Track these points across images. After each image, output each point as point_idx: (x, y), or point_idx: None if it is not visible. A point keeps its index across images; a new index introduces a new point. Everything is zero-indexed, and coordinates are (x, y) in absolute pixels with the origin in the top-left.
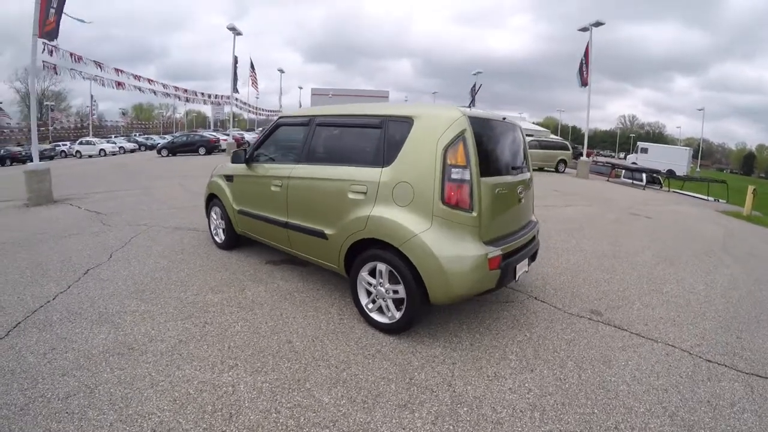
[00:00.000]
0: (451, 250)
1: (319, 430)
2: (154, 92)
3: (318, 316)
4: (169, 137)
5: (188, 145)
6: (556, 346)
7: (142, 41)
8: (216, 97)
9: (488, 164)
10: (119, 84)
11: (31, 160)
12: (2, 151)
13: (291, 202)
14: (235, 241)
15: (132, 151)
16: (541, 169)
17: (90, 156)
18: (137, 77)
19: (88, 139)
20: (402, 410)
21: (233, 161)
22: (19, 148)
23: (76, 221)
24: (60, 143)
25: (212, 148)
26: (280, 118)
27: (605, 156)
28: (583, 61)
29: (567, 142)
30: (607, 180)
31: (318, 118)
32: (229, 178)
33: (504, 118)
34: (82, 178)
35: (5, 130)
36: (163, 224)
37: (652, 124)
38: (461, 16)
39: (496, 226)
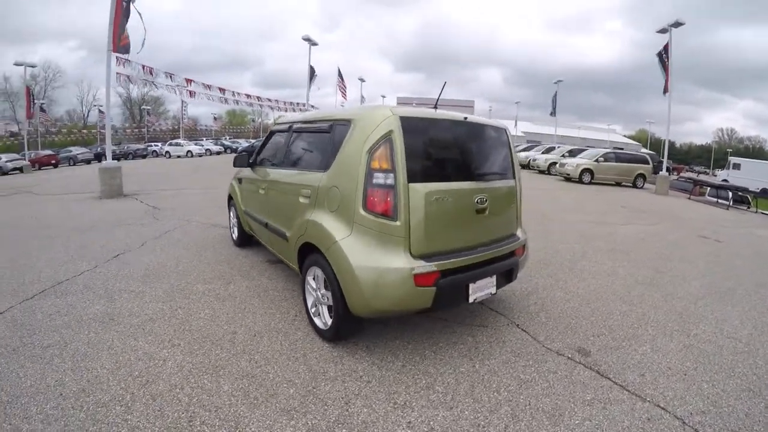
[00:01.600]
0: (367, 261)
1: (201, 411)
2: (225, 100)
3: (275, 314)
4: (248, 142)
5: None
6: (502, 385)
7: (240, 51)
8: (298, 105)
9: (427, 169)
10: (191, 93)
11: (125, 158)
12: (98, 148)
13: (269, 205)
14: (247, 240)
15: (218, 153)
16: (618, 184)
17: (178, 156)
18: (207, 86)
19: (177, 140)
20: (282, 415)
21: (235, 164)
22: (114, 147)
23: (133, 214)
24: (152, 144)
25: None
26: (274, 125)
27: (698, 172)
28: (663, 66)
29: (647, 155)
30: (689, 198)
31: (294, 124)
32: (240, 180)
33: (465, 118)
34: (159, 176)
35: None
36: (203, 221)
37: (752, 138)
38: (551, 24)
39: (438, 238)
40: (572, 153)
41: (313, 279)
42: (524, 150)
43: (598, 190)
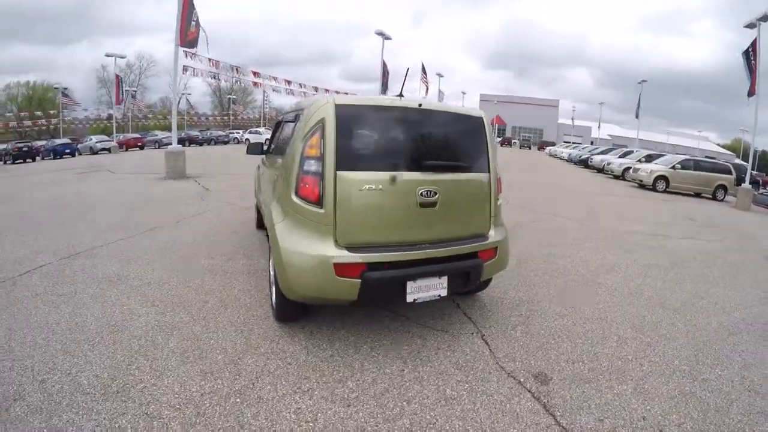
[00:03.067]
0: (293, 246)
1: (141, 359)
2: (292, 92)
3: (251, 291)
4: None
5: None
6: (418, 396)
7: (327, 46)
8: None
9: (362, 157)
10: (255, 84)
11: (208, 144)
12: (182, 134)
13: (261, 189)
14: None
15: None
16: (697, 195)
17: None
18: (287, 81)
19: (256, 129)
20: (198, 375)
21: (247, 152)
22: (197, 133)
23: (186, 194)
24: (234, 131)
25: None
26: (279, 116)
27: None
28: (749, 66)
29: (730, 165)
30: None
31: (285, 115)
32: (258, 167)
33: (420, 105)
34: (229, 160)
35: (202, 119)
36: (243, 204)
37: None
38: (645, 24)
39: (369, 230)
40: (650, 158)
41: (269, 260)
42: (600, 153)
43: (671, 200)
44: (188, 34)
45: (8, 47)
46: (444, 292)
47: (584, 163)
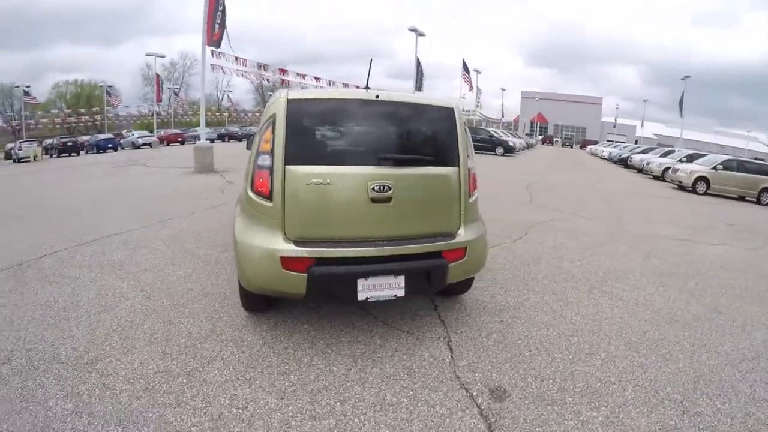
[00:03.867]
0: (247, 238)
1: (115, 336)
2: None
3: (234, 282)
4: None
5: None
6: (354, 398)
7: (370, 43)
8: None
9: (312, 151)
10: (283, 81)
11: (246, 139)
12: (222, 130)
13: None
14: None
15: None
16: (741, 199)
17: None
18: (302, 75)
19: None
20: (159, 356)
21: (247, 147)
22: (237, 129)
23: (208, 187)
24: None
25: None
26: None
27: None
28: None
29: None
30: None
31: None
32: None
33: (377, 96)
34: None
35: (241, 115)
36: None
37: None
38: (692, 18)
39: (317, 224)
40: (691, 158)
41: None
42: (641, 152)
43: (710, 203)
44: (214, 35)
45: (59, 47)
46: (401, 293)
47: (624, 163)
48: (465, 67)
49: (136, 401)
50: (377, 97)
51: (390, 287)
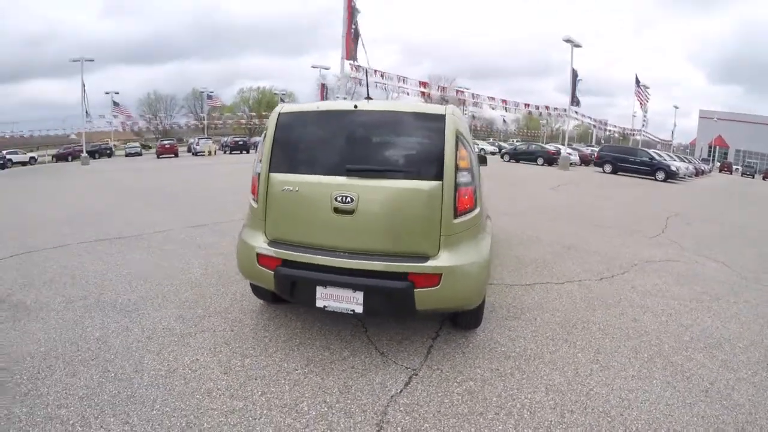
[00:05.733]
0: (243, 233)
1: (153, 294)
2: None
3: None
4: (508, 144)
5: (529, 153)
6: (273, 393)
7: (543, 57)
8: (555, 110)
9: (291, 160)
10: (423, 93)
11: None
12: None
13: None
14: None
15: (492, 153)
16: None
17: None
18: (442, 88)
19: None
20: (168, 316)
21: None
22: None
23: None
24: None
25: (551, 159)
26: None
27: None
28: None
29: None
30: None
31: None
32: None
33: (355, 106)
34: None
35: None
36: None
37: None
38: None
39: (286, 228)
40: None
41: None
42: None
43: None
44: (352, 49)
45: (249, 58)
46: (359, 309)
47: None
48: (637, 83)
49: (146, 341)
50: (356, 107)
51: (348, 301)
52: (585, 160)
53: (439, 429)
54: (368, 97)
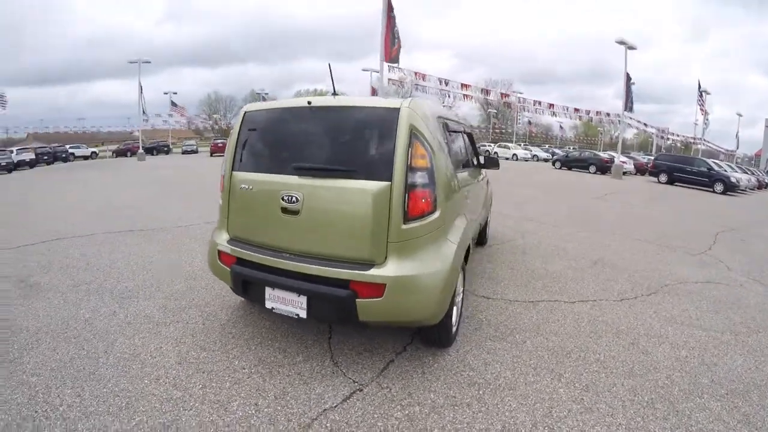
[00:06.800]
0: (214, 230)
1: (155, 284)
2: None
3: None
4: (561, 151)
5: (581, 161)
6: (213, 385)
7: (600, 62)
8: (608, 115)
9: (250, 158)
10: (466, 96)
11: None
12: None
13: None
14: None
15: (545, 160)
16: None
17: (506, 158)
18: (485, 91)
19: (506, 143)
20: (165, 298)
21: None
22: None
23: None
24: (486, 144)
25: (604, 167)
26: None
27: None
28: None
29: None
30: None
31: None
32: None
33: (309, 102)
34: None
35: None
36: None
37: None
38: None
39: (243, 226)
40: None
41: None
42: None
43: None
44: (392, 52)
45: (305, 61)
46: (303, 314)
47: None
48: (699, 90)
49: (125, 326)
50: (309, 103)
51: (293, 304)
52: (641, 170)
53: None
54: (335, 93)
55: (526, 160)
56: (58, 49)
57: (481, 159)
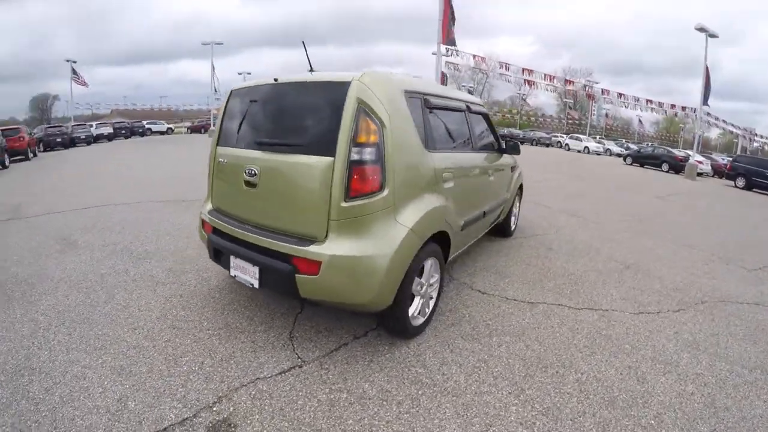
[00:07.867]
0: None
1: (163, 250)
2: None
3: None
4: (635, 147)
5: (653, 157)
6: (187, 359)
7: (688, 53)
8: (693, 110)
9: (231, 133)
10: (527, 82)
11: (530, 143)
12: (505, 131)
13: None
14: None
15: (618, 155)
16: None
17: (568, 149)
18: (569, 81)
19: (577, 135)
20: (165, 271)
21: None
22: (519, 132)
23: None
24: (556, 135)
25: (678, 166)
26: None
27: None
28: None
29: None
30: None
31: None
32: None
33: (275, 80)
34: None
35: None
36: None
37: None
38: None
39: (220, 197)
40: None
41: None
42: None
43: None
44: (450, 33)
45: (381, 44)
46: (256, 284)
47: None
48: None
49: (130, 282)
50: (276, 80)
51: (249, 274)
52: (718, 171)
53: (263, 426)
54: (311, 69)
55: (598, 154)
56: (147, 31)
57: (503, 144)
